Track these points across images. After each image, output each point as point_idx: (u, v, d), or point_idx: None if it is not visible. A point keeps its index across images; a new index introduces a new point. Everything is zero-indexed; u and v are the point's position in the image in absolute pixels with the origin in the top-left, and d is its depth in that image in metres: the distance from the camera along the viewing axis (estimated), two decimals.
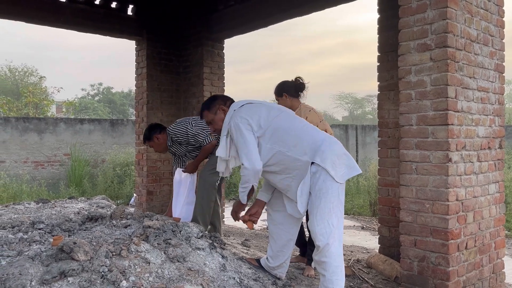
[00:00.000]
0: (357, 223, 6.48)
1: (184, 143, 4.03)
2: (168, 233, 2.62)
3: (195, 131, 3.91)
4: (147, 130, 4.11)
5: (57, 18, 5.30)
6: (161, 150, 4.17)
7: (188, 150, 4.10)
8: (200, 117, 2.98)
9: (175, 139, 4.04)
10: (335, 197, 2.45)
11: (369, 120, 35.38)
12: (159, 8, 6.04)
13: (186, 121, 4.02)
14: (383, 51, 4.00)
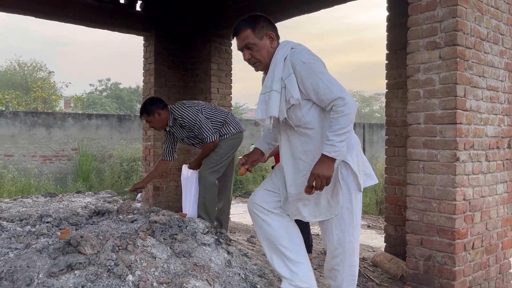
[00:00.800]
0: (363, 221, 6.46)
1: (187, 128, 3.90)
2: (174, 228, 2.64)
3: (204, 124, 3.84)
4: (148, 104, 3.82)
5: (66, 13, 5.32)
6: (159, 127, 3.94)
7: (188, 136, 3.99)
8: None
9: (180, 122, 3.87)
10: (359, 207, 2.22)
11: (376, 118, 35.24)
12: (167, 3, 6.05)
13: (197, 108, 3.89)
14: (392, 49, 3.98)
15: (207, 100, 5.88)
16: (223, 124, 3.97)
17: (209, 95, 5.93)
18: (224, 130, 3.97)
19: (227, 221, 4.23)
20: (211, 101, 5.87)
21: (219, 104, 5.96)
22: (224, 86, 6.08)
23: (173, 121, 3.89)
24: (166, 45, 6.08)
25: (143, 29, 5.99)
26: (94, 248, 2.31)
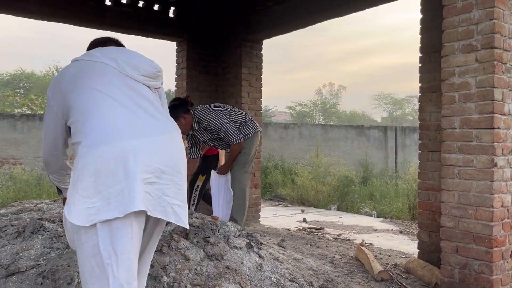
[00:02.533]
0: (395, 227, 6.35)
1: (211, 131, 3.99)
2: (207, 231, 2.69)
3: (229, 127, 3.94)
4: (172, 109, 3.77)
5: (102, 21, 5.51)
6: (184, 131, 3.96)
7: (211, 138, 4.08)
8: None
9: (205, 125, 3.95)
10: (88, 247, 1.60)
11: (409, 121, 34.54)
12: (199, 9, 6.16)
13: (221, 112, 3.97)
14: (426, 52, 3.91)
15: (237, 103, 5.94)
16: (242, 125, 4.08)
17: (240, 99, 5.99)
18: (245, 130, 4.08)
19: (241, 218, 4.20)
20: (242, 105, 5.93)
21: (249, 108, 6.02)
22: (254, 90, 6.13)
23: (197, 125, 3.98)
24: (198, 50, 6.19)
25: (176, 34, 6.12)
26: None
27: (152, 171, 1.58)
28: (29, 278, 2.29)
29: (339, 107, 36.86)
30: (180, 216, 1.64)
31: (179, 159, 1.70)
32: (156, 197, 1.59)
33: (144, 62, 1.80)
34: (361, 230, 6.06)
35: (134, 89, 1.73)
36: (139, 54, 1.84)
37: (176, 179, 1.65)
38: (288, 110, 34.54)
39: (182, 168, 1.70)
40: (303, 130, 13.50)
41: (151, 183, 1.58)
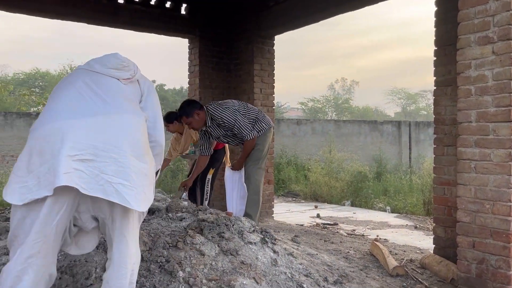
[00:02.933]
0: (410, 222, 6.30)
1: (225, 127, 4.00)
2: (221, 226, 2.70)
3: (243, 123, 3.95)
4: (186, 106, 3.94)
5: (115, 19, 5.56)
6: (198, 127, 4.04)
7: (224, 135, 4.10)
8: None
9: (218, 122, 3.97)
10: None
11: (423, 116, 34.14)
12: (211, 6, 6.17)
13: (234, 108, 4.00)
14: (440, 45, 3.86)
15: (249, 100, 5.95)
16: (255, 121, 4.09)
17: (252, 95, 5.99)
18: (258, 126, 4.09)
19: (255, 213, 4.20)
20: (254, 101, 5.93)
21: (262, 104, 6.02)
22: (266, 86, 6.13)
23: (211, 121, 4.01)
24: (210, 47, 6.21)
25: (188, 31, 6.14)
26: (146, 245, 2.41)
27: (83, 148, 1.58)
28: None
29: (352, 102, 36.59)
30: (123, 195, 1.59)
31: (124, 138, 1.66)
32: (92, 175, 1.57)
33: (111, 57, 1.94)
34: (375, 225, 6.03)
35: (97, 81, 1.83)
36: (114, 54, 1.98)
37: (117, 157, 1.61)
38: (300, 106, 34.43)
39: (127, 147, 1.65)
40: (316, 126, 13.45)
41: (84, 160, 1.57)
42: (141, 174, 1.65)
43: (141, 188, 1.63)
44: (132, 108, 1.82)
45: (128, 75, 1.92)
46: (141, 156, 1.68)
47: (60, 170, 1.53)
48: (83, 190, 1.56)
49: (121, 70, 1.91)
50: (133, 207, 1.61)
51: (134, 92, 1.93)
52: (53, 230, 1.65)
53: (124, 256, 1.73)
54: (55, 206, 1.62)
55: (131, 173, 1.61)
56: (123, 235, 1.72)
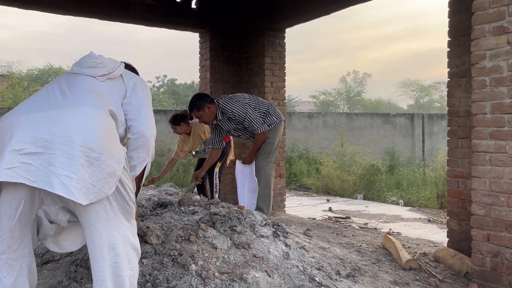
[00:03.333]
0: (423, 215, 6.25)
1: (235, 121, 4.02)
2: (233, 220, 2.71)
3: (253, 116, 3.95)
4: (197, 99, 3.95)
5: (127, 14, 5.58)
6: (208, 121, 4.05)
7: (235, 128, 4.11)
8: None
9: (229, 115, 3.97)
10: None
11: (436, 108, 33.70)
12: (221, 0, 6.15)
13: (245, 102, 4.00)
14: (454, 35, 3.80)
15: (260, 93, 5.93)
16: (266, 115, 4.08)
17: (263, 89, 5.98)
18: (269, 120, 4.09)
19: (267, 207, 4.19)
20: (265, 95, 5.92)
21: (273, 98, 6.00)
22: (277, 80, 6.10)
23: (221, 115, 4.00)
24: (221, 41, 6.20)
25: (198, 26, 6.14)
26: (159, 238, 2.43)
27: (31, 142, 1.58)
28: (63, 266, 2.37)
29: (364, 95, 36.25)
30: (69, 188, 1.56)
31: (75, 130, 1.63)
32: (41, 167, 1.57)
33: (86, 57, 2.01)
34: (388, 219, 5.99)
35: (70, 81, 1.89)
36: (90, 53, 2.05)
37: (66, 149, 1.59)
38: (311, 99, 34.25)
39: (77, 138, 1.62)
40: (328, 119, 13.37)
41: (32, 153, 1.57)
42: (93, 166, 1.62)
43: (90, 180, 1.61)
44: (94, 101, 1.80)
45: (104, 71, 1.95)
46: (96, 147, 1.64)
47: (3, 165, 1.55)
48: (31, 183, 1.57)
49: (96, 67, 1.95)
50: (78, 200, 1.58)
51: (112, 88, 1.94)
52: (16, 225, 1.67)
53: (98, 248, 1.70)
54: (13, 202, 1.64)
55: (79, 165, 1.59)
56: (93, 226, 1.69)
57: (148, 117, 1.97)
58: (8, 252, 1.69)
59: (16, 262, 1.71)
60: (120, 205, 1.75)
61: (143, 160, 1.92)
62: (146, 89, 2.06)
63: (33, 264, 1.81)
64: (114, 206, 1.73)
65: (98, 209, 1.68)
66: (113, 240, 1.71)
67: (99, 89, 1.89)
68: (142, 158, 1.92)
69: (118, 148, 1.75)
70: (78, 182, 1.57)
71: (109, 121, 1.78)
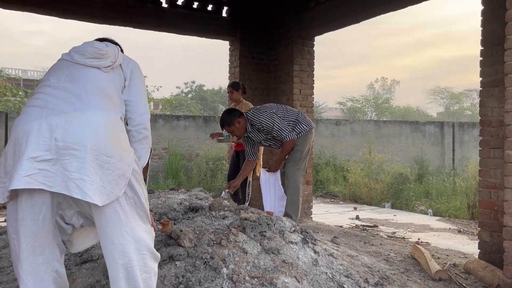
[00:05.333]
0: (453, 226, 6.14)
1: (264, 132, 4.12)
2: (263, 225, 2.76)
3: (281, 125, 4.04)
4: (227, 115, 4.12)
5: (160, 22, 5.75)
6: (241, 134, 4.18)
7: (265, 139, 4.21)
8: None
9: (258, 127, 4.09)
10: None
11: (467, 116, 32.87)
12: (251, 8, 6.25)
13: (272, 111, 4.10)
14: (487, 44, 3.76)
15: (288, 100, 5.99)
16: (295, 123, 4.15)
17: (291, 96, 6.03)
18: (298, 128, 4.15)
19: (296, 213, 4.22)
20: (293, 102, 5.96)
21: (301, 105, 6.04)
22: (306, 87, 6.15)
23: (251, 127, 4.13)
24: (250, 48, 6.29)
25: (229, 34, 6.26)
26: (191, 241, 2.51)
27: (46, 149, 1.63)
28: (100, 265, 2.48)
29: (392, 102, 35.75)
30: (84, 190, 1.61)
31: (85, 134, 1.67)
32: (57, 173, 1.62)
33: (89, 47, 1.93)
34: (417, 228, 5.92)
35: (74, 75, 1.86)
36: (92, 42, 1.97)
37: (77, 154, 1.63)
38: (338, 106, 34.02)
39: (88, 142, 1.65)
40: (355, 126, 13.28)
41: (47, 160, 1.63)
42: (103, 168, 1.67)
43: (101, 182, 1.65)
44: (104, 104, 1.81)
45: (109, 62, 1.93)
46: (105, 150, 1.68)
47: (21, 173, 1.61)
48: (49, 188, 1.63)
49: (101, 58, 1.91)
50: (93, 200, 1.63)
51: (115, 79, 1.93)
52: (40, 229, 1.73)
53: (109, 252, 1.74)
54: (35, 207, 1.71)
55: (90, 168, 1.64)
56: (105, 231, 1.73)
57: (145, 106, 1.99)
58: (33, 256, 1.73)
59: (41, 267, 1.75)
60: (133, 209, 1.77)
61: (147, 151, 1.96)
62: (140, 74, 2.05)
63: (61, 270, 1.82)
64: (127, 210, 1.75)
65: (110, 215, 1.71)
66: (125, 245, 1.73)
67: (104, 83, 1.87)
68: (146, 149, 1.95)
69: (128, 151, 1.79)
70: (92, 184, 1.63)
71: (119, 124, 1.82)
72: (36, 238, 1.73)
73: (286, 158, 4.30)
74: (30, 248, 1.72)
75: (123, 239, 1.73)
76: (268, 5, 6.28)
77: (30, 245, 1.72)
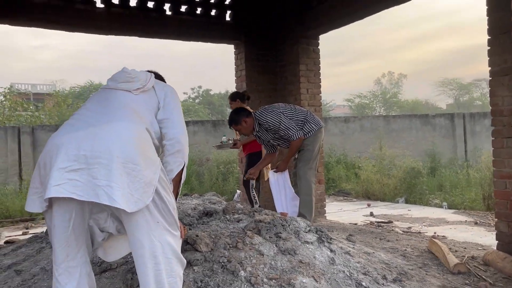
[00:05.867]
0: (469, 218, 6.08)
1: (272, 131, 4.17)
2: (278, 227, 2.77)
3: (288, 124, 4.06)
4: (235, 114, 4.25)
5: (164, 30, 5.80)
6: (248, 133, 4.33)
7: (273, 138, 4.26)
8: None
9: (265, 126, 4.16)
10: None
11: (477, 106, 32.50)
12: (254, 11, 6.27)
13: (279, 111, 4.15)
14: (494, 33, 3.72)
15: (296, 101, 5.99)
16: (304, 123, 4.17)
17: (299, 96, 6.03)
18: (307, 127, 4.16)
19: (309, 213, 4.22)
20: (301, 102, 5.97)
21: (309, 104, 6.04)
22: (313, 86, 6.14)
23: (259, 126, 4.19)
24: (255, 51, 6.31)
25: (233, 37, 6.28)
26: (208, 246, 2.53)
27: (75, 159, 1.73)
28: (120, 274, 2.51)
29: (400, 96, 35.52)
30: (112, 196, 1.69)
31: (112, 143, 1.76)
32: (86, 181, 1.72)
33: (120, 73, 2.13)
34: (432, 222, 5.87)
35: (107, 97, 2.03)
36: (123, 69, 2.16)
37: (105, 162, 1.72)
38: (346, 103, 33.90)
39: (115, 151, 1.74)
40: (364, 123, 13.21)
41: (77, 170, 1.73)
42: (130, 176, 1.74)
43: (128, 189, 1.72)
44: (129, 116, 1.93)
45: (138, 85, 2.09)
46: (132, 158, 1.76)
47: (52, 183, 1.71)
48: (79, 197, 1.72)
49: (131, 82, 2.08)
50: (121, 206, 1.70)
51: (147, 100, 2.08)
52: (71, 235, 1.85)
53: (140, 256, 1.83)
54: (65, 214, 1.82)
55: (118, 175, 1.71)
56: (134, 235, 1.82)
57: (180, 123, 2.11)
58: (67, 260, 1.86)
59: (75, 270, 1.88)
60: (161, 215, 1.86)
61: (179, 164, 2.04)
62: (176, 96, 2.20)
63: (91, 273, 1.97)
64: (155, 215, 1.84)
65: (139, 219, 1.80)
66: (154, 249, 1.83)
67: (134, 103, 2.02)
68: (179, 162, 2.04)
69: (154, 159, 1.87)
70: (119, 190, 1.70)
71: (144, 134, 1.92)
72: (68, 244, 1.85)
73: (297, 158, 4.30)
74: (64, 253, 1.85)
75: (152, 244, 1.83)
76: (271, 6, 6.29)
77: (64, 251, 1.85)
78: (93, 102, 2.05)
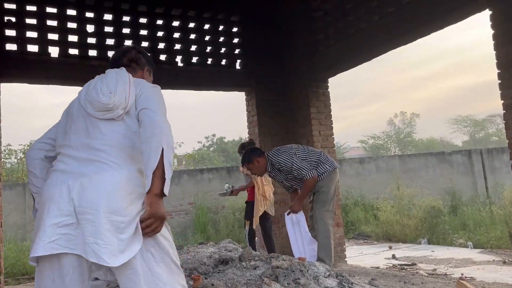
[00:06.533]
0: (497, 257, 5.81)
1: (284, 171, 4.18)
2: (296, 272, 2.68)
3: (300, 165, 4.06)
4: (248, 153, 4.33)
5: (176, 81, 5.96)
6: (260, 173, 4.35)
7: (286, 178, 4.26)
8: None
9: (277, 166, 4.18)
10: None
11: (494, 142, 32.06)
12: (264, 57, 6.43)
13: (291, 152, 4.17)
14: (503, 67, 3.72)
15: (309, 143, 5.98)
16: (317, 164, 4.16)
17: (311, 138, 6.03)
18: (321, 169, 4.14)
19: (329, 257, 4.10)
20: (314, 144, 5.95)
21: (322, 146, 6.02)
22: (325, 128, 6.15)
23: (271, 166, 4.21)
24: (266, 96, 6.41)
25: (244, 84, 6.41)
26: None
27: (67, 214, 1.70)
28: None
29: (414, 135, 35.33)
30: (98, 253, 1.63)
31: (99, 198, 1.69)
32: (79, 236, 1.68)
33: (96, 97, 1.83)
34: (458, 263, 5.63)
35: (90, 132, 1.82)
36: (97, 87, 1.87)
37: (91, 218, 1.67)
38: (360, 144, 33.78)
39: (101, 206, 1.68)
40: (380, 163, 13.09)
41: (69, 224, 1.69)
42: (118, 229, 1.68)
43: (116, 244, 1.66)
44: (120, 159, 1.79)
45: (120, 111, 1.82)
46: (118, 211, 1.70)
47: (45, 240, 1.68)
48: (72, 250, 1.69)
49: (111, 110, 1.81)
50: (109, 264, 1.64)
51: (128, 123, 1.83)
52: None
53: None
54: (62, 270, 1.74)
55: (104, 231, 1.66)
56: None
57: (157, 106, 1.81)
58: None
59: None
60: (153, 262, 1.73)
61: (156, 149, 1.69)
62: (153, 90, 1.88)
63: None
64: (148, 265, 1.72)
65: (129, 275, 1.70)
66: None
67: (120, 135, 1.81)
68: (155, 147, 1.70)
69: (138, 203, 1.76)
70: (106, 247, 1.65)
71: (135, 180, 1.78)
72: None
73: (313, 201, 4.23)
74: None
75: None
76: (280, 53, 6.45)
77: None
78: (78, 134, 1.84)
